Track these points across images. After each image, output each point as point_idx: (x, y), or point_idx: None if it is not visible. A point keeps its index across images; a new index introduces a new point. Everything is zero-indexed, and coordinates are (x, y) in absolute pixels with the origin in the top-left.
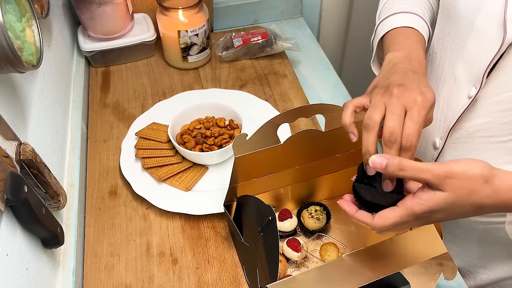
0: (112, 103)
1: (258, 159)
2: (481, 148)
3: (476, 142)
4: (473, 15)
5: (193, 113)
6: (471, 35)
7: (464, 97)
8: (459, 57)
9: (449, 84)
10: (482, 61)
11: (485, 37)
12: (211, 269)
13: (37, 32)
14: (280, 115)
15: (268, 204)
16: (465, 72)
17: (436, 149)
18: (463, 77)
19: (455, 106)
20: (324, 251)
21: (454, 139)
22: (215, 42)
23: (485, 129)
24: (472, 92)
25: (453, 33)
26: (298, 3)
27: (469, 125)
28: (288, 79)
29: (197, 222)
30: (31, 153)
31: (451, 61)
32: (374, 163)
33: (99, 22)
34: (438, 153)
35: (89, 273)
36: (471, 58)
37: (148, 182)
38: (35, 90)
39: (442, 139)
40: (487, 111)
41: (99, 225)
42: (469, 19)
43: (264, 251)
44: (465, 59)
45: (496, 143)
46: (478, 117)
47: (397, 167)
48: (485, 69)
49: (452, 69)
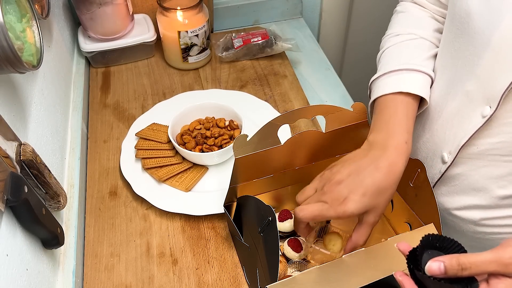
0: (112, 104)
1: (259, 160)
2: (493, 166)
3: (488, 159)
4: (489, 31)
5: (193, 113)
6: (487, 53)
7: (478, 115)
8: (471, 74)
9: (460, 100)
10: (501, 81)
11: (503, 56)
12: (211, 270)
13: (38, 33)
14: (281, 116)
15: (268, 205)
16: (479, 90)
17: (444, 163)
18: (476, 95)
19: (467, 123)
20: (328, 241)
21: (464, 154)
22: (215, 42)
23: (498, 148)
24: (487, 111)
25: (465, 48)
26: (298, 4)
27: (481, 143)
28: (288, 79)
29: (197, 222)
30: (31, 153)
31: (462, 77)
32: (431, 269)
33: (99, 22)
34: (446, 167)
35: (89, 274)
36: (486, 77)
37: (148, 182)
38: (35, 91)
39: (452, 154)
40: (502, 131)
41: (99, 225)
42: (484, 36)
43: (264, 252)
44: (479, 76)
45: (510, 162)
46: (491, 136)
47: (458, 268)
48: (504, 90)
49: (462, 85)
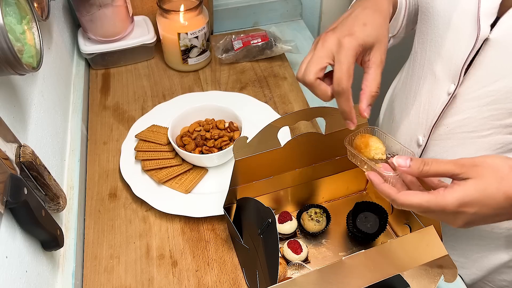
0: (112, 105)
1: (258, 162)
2: (462, 144)
3: (457, 138)
4: (449, 12)
5: (193, 115)
6: (448, 33)
7: (444, 93)
8: (437, 55)
9: (429, 82)
10: (459, 57)
11: (461, 34)
12: (210, 272)
13: (37, 35)
14: (281, 118)
15: (268, 207)
16: (444, 69)
17: (419, 147)
18: (442, 74)
19: (436, 103)
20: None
21: (436, 136)
22: (215, 44)
23: (465, 124)
24: (451, 88)
25: (431, 32)
26: (298, 6)
27: (450, 121)
28: (288, 81)
29: (197, 224)
30: (31, 155)
31: (430, 60)
32: (398, 163)
33: (99, 24)
34: (421, 150)
35: (88, 276)
36: (448, 55)
37: (148, 184)
38: (35, 92)
39: (425, 136)
40: (467, 107)
41: (99, 227)
42: (445, 17)
43: (264, 254)
44: (443, 56)
45: (476, 138)
46: (458, 113)
47: (421, 163)
48: (462, 66)
49: (431, 67)
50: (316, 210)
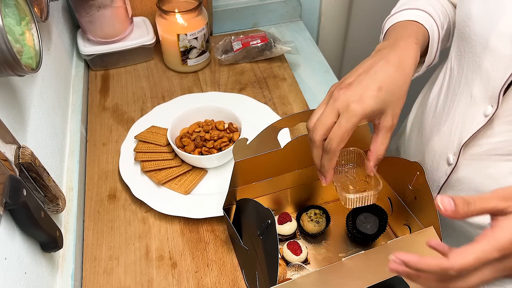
0: (111, 107)
1: (258, 163)
2: (496, 166)
3: (491, 159)
4: (487, 34)
5: (192, 116)
6: (486, 54)
7: (480, 115)
8: (475, 75)
9: (465, 101)
10: (498, 79)
11: (500, 56)
12: (210, 273)
13: (37, 36)
14: (281, 120)
15: (267, 208)
16: (481, 90)
17: (450, 165)
18: (479, 95)
19: (471, 123)
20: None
21: (468, 155)
22: (215, 45)
23: (501, 147)
24: (489, 110)
25: (469, 51)
26: (298, 7)
27: (484, 142)
28: (288, 82)
29: (196, 225)
30: (30, 156)
31: (467, 78)
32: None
33: (98, 25)
34: (451, 169)
35: (88, 277)
36: (486, 76)
37: (147, 185)
38: (34, 94)
39: (455, 155)
40: (504, 130)
41: (98, 228)
42: (483, 38)
43: (263, 255)
44: (481, 77)
45: (510, 161)
46: (494, 135)
47: (464, 203)
48: (501, 88)
49: (468, 86)
50: (315, 211)
